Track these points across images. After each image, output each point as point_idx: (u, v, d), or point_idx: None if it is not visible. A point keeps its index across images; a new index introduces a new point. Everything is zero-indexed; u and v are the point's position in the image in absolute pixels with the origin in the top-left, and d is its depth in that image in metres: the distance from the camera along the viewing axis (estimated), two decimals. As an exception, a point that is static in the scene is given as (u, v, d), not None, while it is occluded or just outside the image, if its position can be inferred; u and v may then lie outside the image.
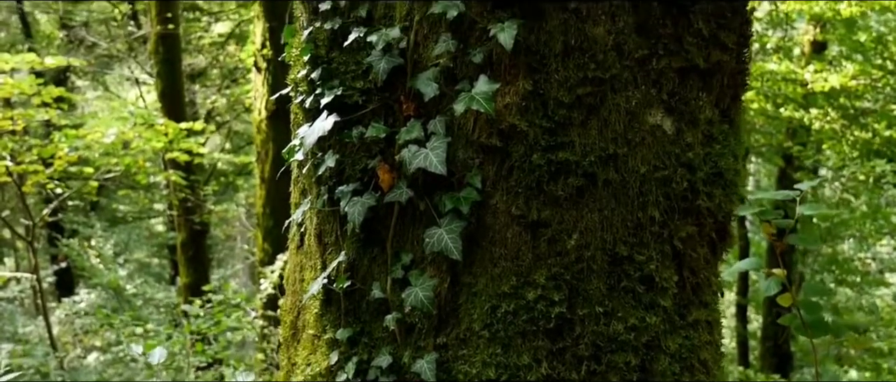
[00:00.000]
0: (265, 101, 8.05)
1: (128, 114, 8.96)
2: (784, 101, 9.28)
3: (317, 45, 1.73)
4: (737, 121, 1.80)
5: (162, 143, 8.56)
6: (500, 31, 1.52)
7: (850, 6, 7.78)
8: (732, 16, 1.68)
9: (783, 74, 8.74)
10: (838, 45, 9.65)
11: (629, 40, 1.58)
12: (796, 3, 7.93)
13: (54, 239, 11.73)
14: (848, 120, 9.32)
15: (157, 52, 9.87)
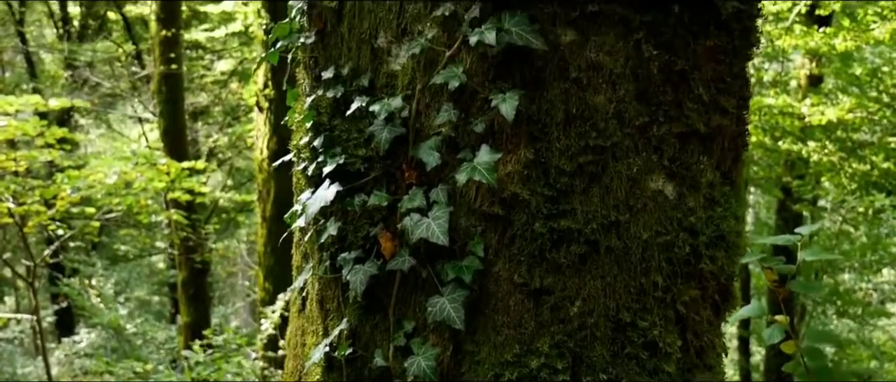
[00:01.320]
0: (267, 141, 8.09)
1: (130, 154, 8.99)
2: (782, 134, 9.31)
3: (319, 112, 1.74)
4: (738, 182, 1.81)
5: (164, 183, 8.58)
6: (501, 101, 1.53)
7: (844, 41, 7.83)
8: (732, 80, 1.69)
9: (780, 108, 8.79)
10: (834, 78, 9.71)
11: (630, 108, 1.59)
12: (792, 39, 7.99)
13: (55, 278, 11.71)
14: (846, 152, 9.34)
15: (160, 92, 9.93)
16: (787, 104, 8.67)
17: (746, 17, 1.67)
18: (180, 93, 10.08)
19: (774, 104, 8.57)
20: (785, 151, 9.38)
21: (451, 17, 1.57)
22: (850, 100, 8.56)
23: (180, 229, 9.38)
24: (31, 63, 12.55)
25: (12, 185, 8.29)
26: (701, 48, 1.63)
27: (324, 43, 1.74)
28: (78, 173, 8.25)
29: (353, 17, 1.69)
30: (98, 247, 13.21)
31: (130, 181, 8.61)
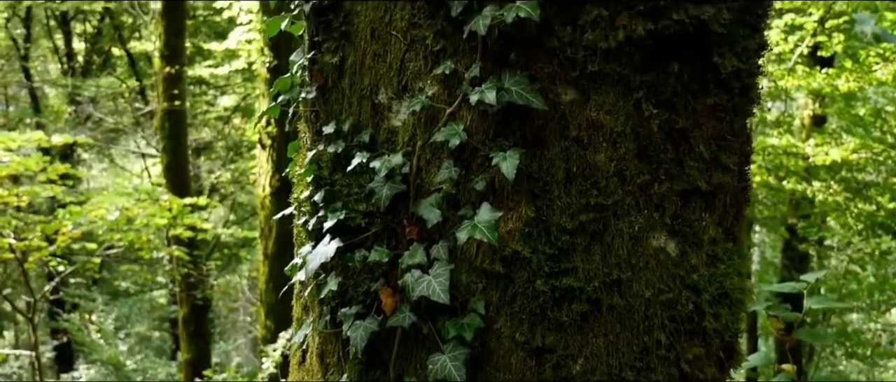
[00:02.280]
0: (269, 178, 8.10)
1: (132, 190, 9.01)
2: (786, 174, 9.31)
3: (320, 166, 1.74)
4: (741, 238, 1.80)
5: (165, 220, 8.58)
6: (502, 160, 1.53)
7: (847, 82, 7.86)
8: (733, 138, 1.69)
9: (784, 148, 8.79)
10: (838, 118, 9.73)
11: (631, 166, 1.59)
12: (795, 79, 8.02)
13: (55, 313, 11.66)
14: (851, 192, 9.33)
15: (163, 128, 9.99)
16: (791, 144, 8.68)
17: (746, 74, 1.67)
18: (183, 129, 10.13)
19: (778, 144, 8.57)
20: (790, 191, 9.37)
21: (451, 75, 1.57)
22: (854, 141, 8.56)
23: (182, 265, 9.36)
24: (35, 98, 12.64)
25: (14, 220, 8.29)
26: (701, 106, 1.63)
27: (325, 98, 1.74)
28: (79, 209, 8.26)
29: (354, 73, 1.69)
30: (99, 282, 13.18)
31: (132, 217, 8.61)
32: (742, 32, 1.64)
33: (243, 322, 14.03)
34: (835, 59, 9.06)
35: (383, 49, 1.65)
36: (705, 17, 1.57)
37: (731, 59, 1.63)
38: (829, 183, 9.26)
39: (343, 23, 1.69)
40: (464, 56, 1.57)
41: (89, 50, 13.04)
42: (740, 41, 1.64)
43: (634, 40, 1.54)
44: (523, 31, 1.53)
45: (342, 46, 1.70)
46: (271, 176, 8.07)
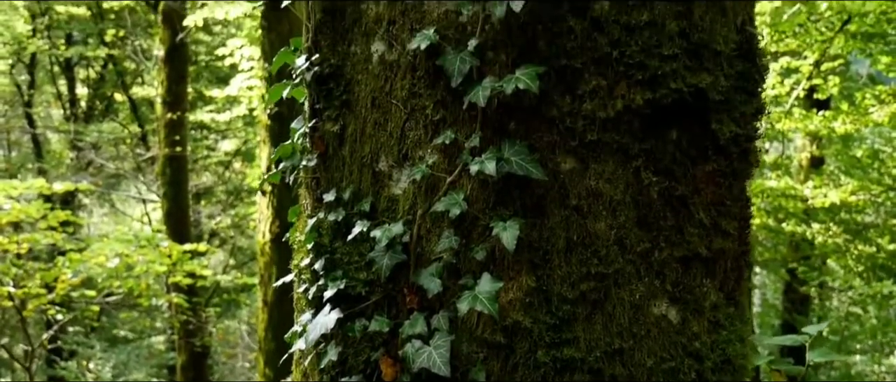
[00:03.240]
0: (269, 224, 8.09)
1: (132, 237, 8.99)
2: (786, 216, 9.31)
3: (320, 234, 1.74)
4: (743, 302, 1.79)
5: (165, 267, 8.55)
6: (502, 230, 1.53)
7: (844, 124, 7.91)
8: (732, 203, 1.69)
9: (783, 190, 8.80)
10: (835, 160, 9.77)
11: (631, 234, 1.59)
12: (792, 122, 8.06)
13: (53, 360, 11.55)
14: (851, 234, 9.32)
15: (164, 174, 10.01)
16: (790, 186, 8.70)
17: (744, 139, 1.68)
18: (184, 175, 10.16)
19: (777, 187, 8.59)
20: (789, 233, 9.36)
21: (451, 144, 1.58)
22: (852, 183, 8.58)
23: (181, 312, 9.31)
24: (38, 143, 12.70)
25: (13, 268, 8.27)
26: (700, 173, 1.63)
27: (326, 165, 1.75)
28: (79, 256, 8.24)
29: (354, 140, 1.70)
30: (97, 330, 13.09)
31: (132, 264, 8.59)
32: (740, 98, 1.65)
33: (242, 368, 13.90)
34: (831, 101, 9.12)
35: (384, 118, 1.66)
36: (703, 85, 1.58)
37: (730, 124, 1.65)
38: (829, 224, 9.26)
39: (344, 91, 1.71)
40: (464, 125, 1.58)
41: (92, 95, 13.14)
42: (738, 107, 1.66)
43: (633, 109, 1.55)
44: (522, 101, 1.55)
45: (343, 114, 1.71)
46: (271, 222, 8.06)
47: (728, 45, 1.63)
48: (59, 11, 11.92)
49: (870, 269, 9.24)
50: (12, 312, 9.68)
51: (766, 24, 6.81)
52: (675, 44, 1.55)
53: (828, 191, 8.58)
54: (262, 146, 8.14)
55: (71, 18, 12.10)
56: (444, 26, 1.58)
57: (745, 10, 1.71)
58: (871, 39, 6.81)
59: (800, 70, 7.92)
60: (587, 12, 1.53)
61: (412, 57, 1.60)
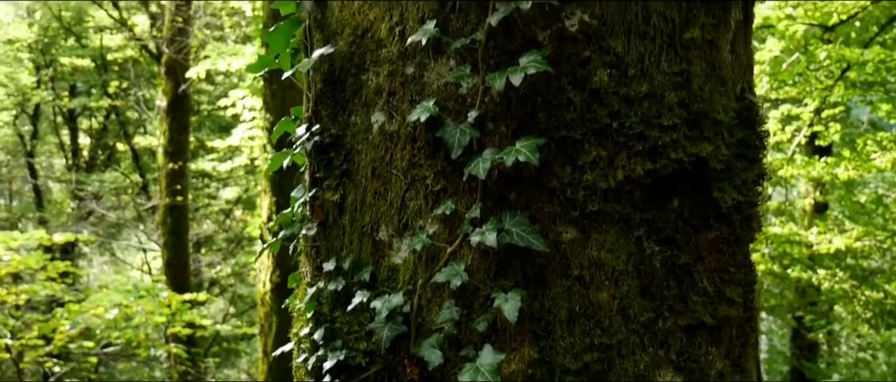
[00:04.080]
0: (270, 274, 8.05)
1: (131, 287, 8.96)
2: (791, 262, 9.26)
3: (320, 303, 1.72)
4: (749, 368, 1.76)
5: (164, 317, 8.50)
6: (503, 301, 1.51)
7: (847, 170, 7.91)
8: (736, 269, 1.67)
9: (787, 237, 8.78)
10: (839, 206, 9.75)
11: (634, 304, 1.57)
12: (794, 168, 8.07)
13: (50, 412, 11.41)
14: (857, 280, 9.26)
15: (165, 223, 10.01)
16: (794, 232, 8.67)
17: (747, 206, 1.67)
18: (185, 224, 10.16)
19: (781, 233, 8.57)
20: (795, 279, 9.30)
21: (451, 215, 1.57)
22: (857, 229, 8.56)
23: (180, 363, 9.22)
24: (39, 193, 12.73)
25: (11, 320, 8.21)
26: (703, 241, 1.62)
27: (326, 234, 1.74)
28: (78, 308, 8.20)
29: (354, 209, 1.70)
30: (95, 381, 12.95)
31: (131, 315, 8.54)
32: (740, 165, 1.65)
33: (242, 418, 13.72)
34: (832, 147, 9.14)
35: (384, 187, 1.65)
36: (704, 155, 1.58)
37: (731, 192, 1.64)
38: (835, 271, 9.21)
39: (344, 161, 1.70)
40: (464, 196, 1.58)
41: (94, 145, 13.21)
42: (739, 174, 1.65)
43: (634, 179, 1.55)
44: (523, 172, 1.54)
45: (343, 184, 1.71)
46: (272, 272, 8.02)
47: (728, 113, 1.63)
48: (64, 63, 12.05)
49: (878, 316, 9.17)
50: (9, 363, 9.59)
51: (765, 73, 6.87)
52: (674, 114, 1.55)
53: (833, 237, 8.55)
54: (264, 195, 8.15)
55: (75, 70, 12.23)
56: (444, 98, 1.58)
57: (744, 77, 1.72)
58: (871, 87, 6.85)
59: (800, 117, 7.96)
60: (586, 84, 1.54)
61: (412, 128, 1.60)
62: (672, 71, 1.57)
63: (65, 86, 12.60)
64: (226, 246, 12.69)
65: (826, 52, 6.69)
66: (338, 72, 1.72)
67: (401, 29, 1.63)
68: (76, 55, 12.30)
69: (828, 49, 6.66)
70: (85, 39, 12.38)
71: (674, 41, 1.58)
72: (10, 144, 13.00)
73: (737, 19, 1.71)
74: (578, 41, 1.55)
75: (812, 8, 6.78)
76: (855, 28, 7.72)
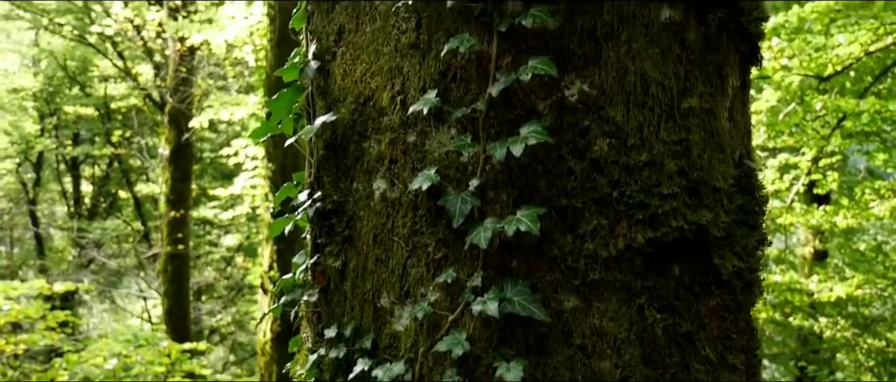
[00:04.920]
0: (271, 323, 8.01)
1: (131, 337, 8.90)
2: (792, 310, 9.22)
3: (321, 370, 1.72)
4: (753, 434, 1.75)
5: (164, 367, 8.44)
6: (505, 371, 1.51)
7: (845, 218, 7.92)
8: (738, 336, 1.67)
9: (788, 285, 8.76)
10: (839, 253, 9.74)
11: (636, 372, 1.56)
12: (793, 216, 8.09)
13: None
14: (859, 328, 9.21)
15: (166, 271, 9.99)
16: (795, 281, 8.65)
17: (748, 271, 1.68)
18: (186, 272, 10.14)
19: (782, 281, 8.54)
20: (797, 327, 9.25)
21: (453, 283, 1.57)
22: (857, 277, 8.53)
23: (178, 414, 9.11)
24: (40, 241, 12.73)
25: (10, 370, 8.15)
26: (704, 308, 1.62)
27: (327, 300, 1.74)
28: (76, 358, 8.14)
29: (356, 276, 1.70)
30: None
31: (130, 364, 8.48)
32: (741, 232, 1.66)
33: (240, 469, 13.49)
34: (830, 194, 9.17)
35: (386, 254, 1.66)
36: (704, 222, 1.59)
37: (732, 259, 1.64)
38: (836, 319, 9.16)
39: (346, 227, 1.71)
40: (465, 264, 1.58)
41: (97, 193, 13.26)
42: (740, 240, 1.66)
43: (635, 248, 1.56)
44: (524, 241, 1.55)
45: (345, 250, 1.72)
46: (273, 321, 7.99)
47: (726, 180, 1.64)
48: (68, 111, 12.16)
49: (880, 364, 9.09)
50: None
51: (762, 123, 6.92)
52: (674, 183, 1.57)
53: (833, 285, 8.53)
54: (265, 244, 8.14)
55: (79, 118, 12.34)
56: (446, 166, 1.60)
57: (742, 143, 1.74)
58: (868, 137, 6.90)
59: (798, 166, 8.00)
60: (586, 153, 1.55)
61: (414, 196, 1.62)
62: (671, 140, 1.59)
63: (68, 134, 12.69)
64: (226, 293, 12.64)
65: (822, 103, 6.76)
66: (340, 138, 1.74)
67: (402, 98, 1.66)
68: (80, 104, 12.41)
69: (823, 99, 6.72)
70: (89, 88, 12.51)
71: (672, 110, 1.60)
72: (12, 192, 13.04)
73: (734, 86, 1.74)
74: (578, 111, 1.57)
75: (807, 59, 6.86)
76: (849, 78, 7.80)
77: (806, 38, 6.92)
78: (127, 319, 13.15)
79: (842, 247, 9.28)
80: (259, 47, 8.50)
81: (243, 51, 8.99)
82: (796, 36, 7.08)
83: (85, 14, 11.85)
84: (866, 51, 6.92)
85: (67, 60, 12.30)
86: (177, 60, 9.93)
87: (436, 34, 1.63)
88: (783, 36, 7.11)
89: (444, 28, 1.62)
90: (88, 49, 11.92)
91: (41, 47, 12.58)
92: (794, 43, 7.00)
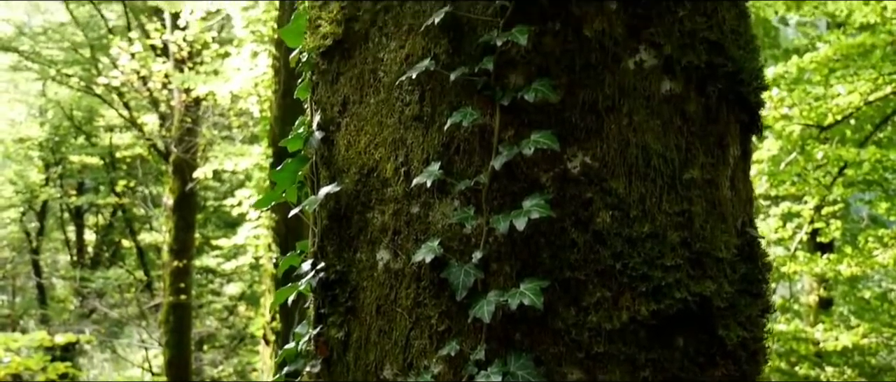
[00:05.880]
0: (272, 374, 7.93)
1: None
2: (798, 360, 9.13)
3: (324, 442, 1.70)
4: None
5: (164, 419, 8.34)
6: (510, 446, 1.49)
7: (850, 267, 7.89)
8: (744, 406, 1.66)
9: (793, 333, 8.68)
10: (844, 302, 9.68)
11: (642, 447, 1.55)
12: (797, 265, 8.05)
13: None
14: (866, 377, 9.10)
15: (168, 322, 9.94)
16: (800, 329, 8.58)
17: (752, 341, 1.67)
18: (188, 322, 10.08)
19: (787, 330, 8.47)
20: (803, 376, 9.14)
21: (456, 355, 1.57)
22: (863, 325, 8.47)
23: (178, 467, 8.98)
24: (43, 290, 12.70)
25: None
26: (710, 379, 1.61)
27: (330, 371, 1.73)
28: (77, 411, 8.06)
29: (359, 347, 1.69)
30: None
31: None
32: (744, 302, 1.66)
33: None
34: (834, 243, 9.15)
35: (389, 326, 1.66)
36: (707, 294, 1.59)
37: (736, 329, 1.64)
38: (843, 368, 9.06)
39: (349, 298, 1.71)
40: (469, 336, 1.58)
41: (100, 242, 13.26)
42: (744, 310, 1.65)
43: (638, 320, 1.55)
44: (527, 314, 1.55)
45: (348, 321, 1.72)
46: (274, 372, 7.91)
47: (729, 250, 1.65)
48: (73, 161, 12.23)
49: (891, 415, 8.95)
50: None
51: (764, 173, 6.94)
52: (677, 254, 1.57)
53: (839, 334, 8.45)
54: (267, 295, 8.11)
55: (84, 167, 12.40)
56: (449, 237, 1.61)
57: (744, 211, 1.75)
58: (870, 186, 6.91)
59: (801, 214, 8.00)
60: (589, 225, 1.56)
61: (417, 267, 1.62)
62: (673, 211, 1.60)
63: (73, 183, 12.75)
64: (228, 343, 12.56)
65: (823, 152, 6.78)
66: (344, 209, 1.75)
67: (406, 169, 1.67)
68: (85, 153, 12.50)
69: (824, 149, 6.75)
70: (95, 137, 12.60)
71: (674, 181, 1.61)
72: (15, 241, 13.06)
73: (735, 155, 1.75)
74: (580, 183, 1.58)
75: (807, 108, 6.92)
76: (850, 126, 7.85)
77: (805, 88, 6.98)
78: (128, 369, 13.04)
79: (847, 295, 9.22)
80: (264, 98, 8.59)
81: (248, 101, 9.08)
82: (796, 86, 7.15)
83: (92, 65, 12.01)
84: (866, 100, 6.97)
85: (74, 110, 12.41)
86: (182, 111, 10.02)
87: (439, 106, 1.65)
88: (783, 86, 7.18)
89: (448, 101, 1.64)
90: (95, 99, 12.04)
91: (48, 97, 12.72)
92: (794, 93, 7.06)
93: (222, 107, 10.01)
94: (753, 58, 1.78)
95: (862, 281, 9.27)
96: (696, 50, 1.67)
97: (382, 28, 1.73)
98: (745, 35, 1.78)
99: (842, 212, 8.39)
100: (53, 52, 12.34)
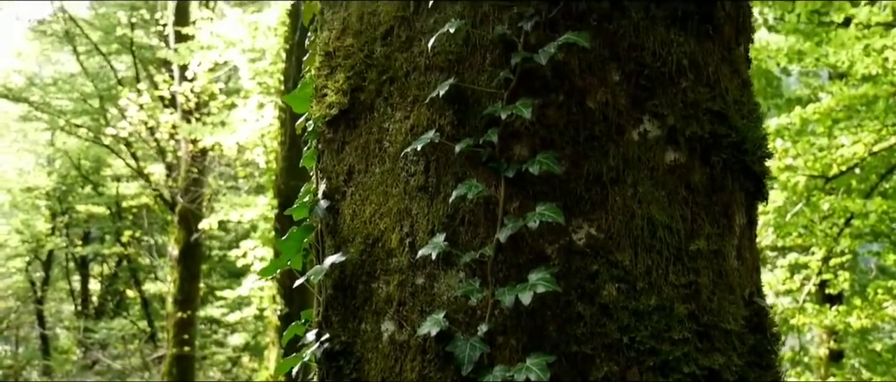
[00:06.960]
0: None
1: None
2: (812, 413, 8.97)
3: None
4: None
5: None
6: None
7: (859, 319, 7.80)
8: None
9: (806, 387, 8.55)
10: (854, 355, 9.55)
11: None
12: (806, 317, 7.96)
13: None
14: (883, 431, 8.92)
15: (171, 374, 9.86)
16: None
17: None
18: (191, 374, 9.99)
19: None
20: (815, 431, 8.99)
21: (463, 431, 1.54)
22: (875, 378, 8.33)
23: None
24: (46, 340, 12.63)
25: None
26: (721, 454, 1.58)
27: (334, 444, 1.71)
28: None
29: (364, 420, 1.67)
30: None
31: None
32: (754, 374, 1.63)
33: None
34: (842, 294, 9.07)
35: (394, 398, 1.64)
36: (716, 367, 1.57)
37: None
38: (857, 422, 8.90)
39: (354, 369, 1.70)
40: (475, 411, 1.56)
41: (104, 291, 13.23)
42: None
43: (646, 395, 1.53)
44: (534, 388, 1.53)
45: (352, 393, 1.69)
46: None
47: (737, 321, 1.63)
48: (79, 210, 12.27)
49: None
50: None
51: (770, 224, 6.91)
52: (684, 327, 1.55)
53: (852, 389, 8.32)
54: (271, 347, 8.05)
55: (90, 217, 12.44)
56: (454, 310, 1.59)
57: (752, 281, 1.74)
58: (878, 237, 6.87)
59: (809, 265, 7.94)
60: (595, 298, 1.55)
61: (422, 339, 1.61)
62: (680, 283, 1.59)
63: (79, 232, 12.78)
64: (231, 394, 12.42)
65: (829, 203, 6.76)
66: (349, 279, 1.75)
67: (411, 240, 1.67)
68: (92, 202, 12.55)
69: (830, 200, 6.74)
70: (102, 187, 12.67)
71: (680, 253, 1.61)
72: (20, 290, 13.04)
73: (741, 224, 1.75)
74: (586, 255, 1.57)
75: (812, 159, 6.92)
76: (856, 176, 7.83)
77: (809, 139, 6.99)
78: (129, 421, 12.89)
79: (857, 348, 9.11)
80: (270, 149, 8.64)
81: (254, 152, 9.14)
82: (800, 137, 7.16)
83: (101, 115, 12.13)
84: (870, 150, 6.98)
85: (81, 159, 12.50)
86: (188, 161, 10.08)
87: (444, 177, 1.65)
88: (787, 136, 7.19)
89: (453, 172, 1.65)
90: (103, 149, 12.14)
91: (57, 147, 12.83)
92: (799, 143, 7.07)
93: (228, 158, 10.07)
94: (757, 126, 1.78)
95: (872, 332, 9.17)
96: (699, 120, 1.67)
97: (388, 99, 1.75)
98: (748, 104, 1.79)
99: (850, 263, 8.33)
100: (63, 103, 12.48)
